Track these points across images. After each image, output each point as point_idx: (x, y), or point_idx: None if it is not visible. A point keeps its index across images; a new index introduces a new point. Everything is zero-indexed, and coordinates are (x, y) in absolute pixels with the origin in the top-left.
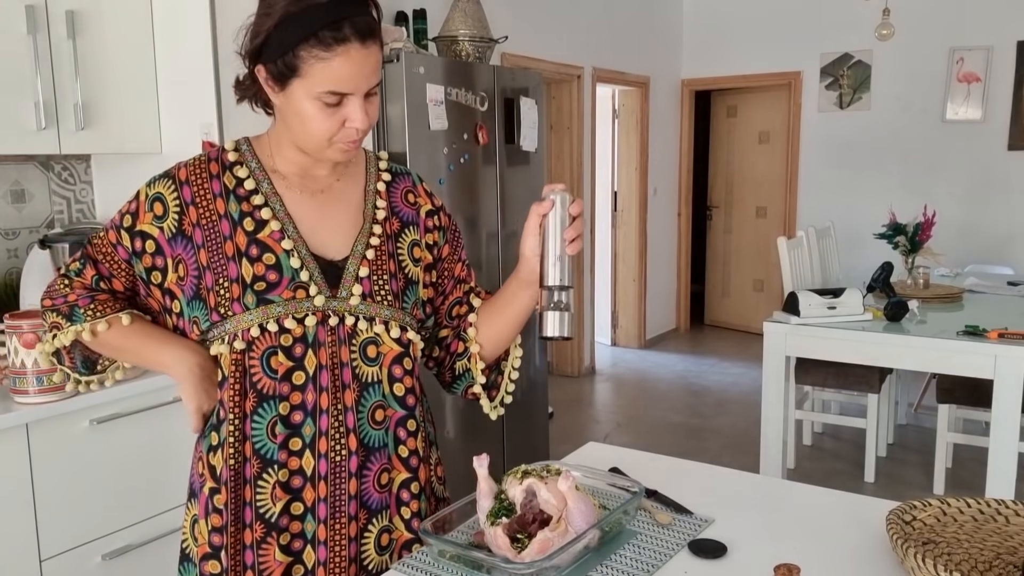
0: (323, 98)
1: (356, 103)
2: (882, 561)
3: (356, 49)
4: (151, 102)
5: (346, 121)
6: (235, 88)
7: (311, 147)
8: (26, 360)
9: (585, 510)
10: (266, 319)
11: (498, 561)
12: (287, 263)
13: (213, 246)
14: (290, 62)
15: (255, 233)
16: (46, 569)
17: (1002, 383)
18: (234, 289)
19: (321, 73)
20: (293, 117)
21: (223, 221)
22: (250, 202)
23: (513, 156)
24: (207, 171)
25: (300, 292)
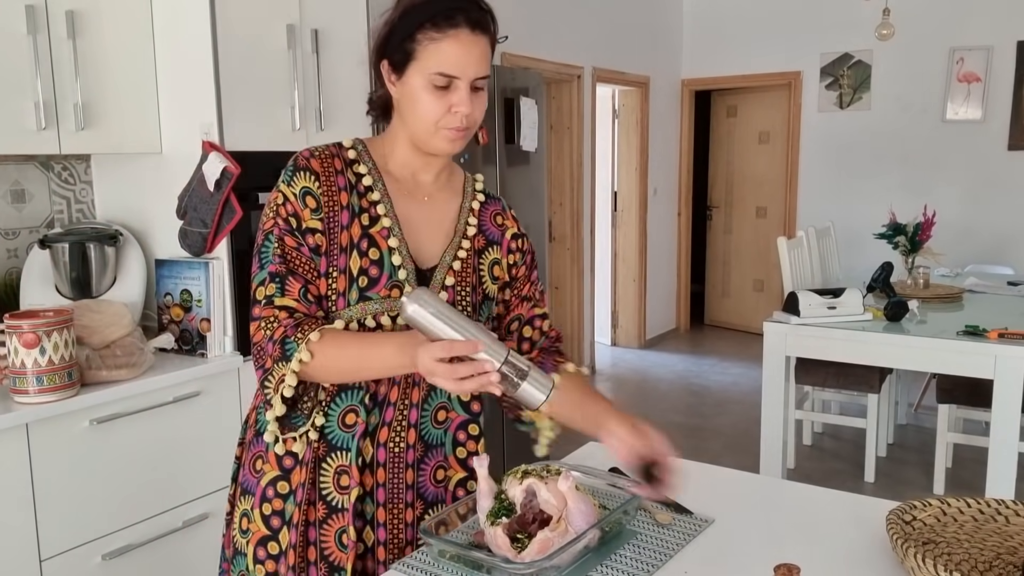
0: (434, 80)
1: (463, 89)
2: (882, 561)
3: (466, 34)
4: (151, 102)
5: (452, 106)
6: (369, 105)
7: (420, 133)
8: (26, 360)
9: (585, 510)
10: (364, 315)
11: (498, 561)
12: (388, 260)
13: (332, 235)
14: (407, 47)
15: (369, 227)
16: (46, 569)
17: (1002, 383)
18: (340, 281)
19: (433, 55)
20: (407, 104)
21: (344, 212)
22: (367, 198)
23: (513, 156)
24: (333, 166)
25: (395, 291)
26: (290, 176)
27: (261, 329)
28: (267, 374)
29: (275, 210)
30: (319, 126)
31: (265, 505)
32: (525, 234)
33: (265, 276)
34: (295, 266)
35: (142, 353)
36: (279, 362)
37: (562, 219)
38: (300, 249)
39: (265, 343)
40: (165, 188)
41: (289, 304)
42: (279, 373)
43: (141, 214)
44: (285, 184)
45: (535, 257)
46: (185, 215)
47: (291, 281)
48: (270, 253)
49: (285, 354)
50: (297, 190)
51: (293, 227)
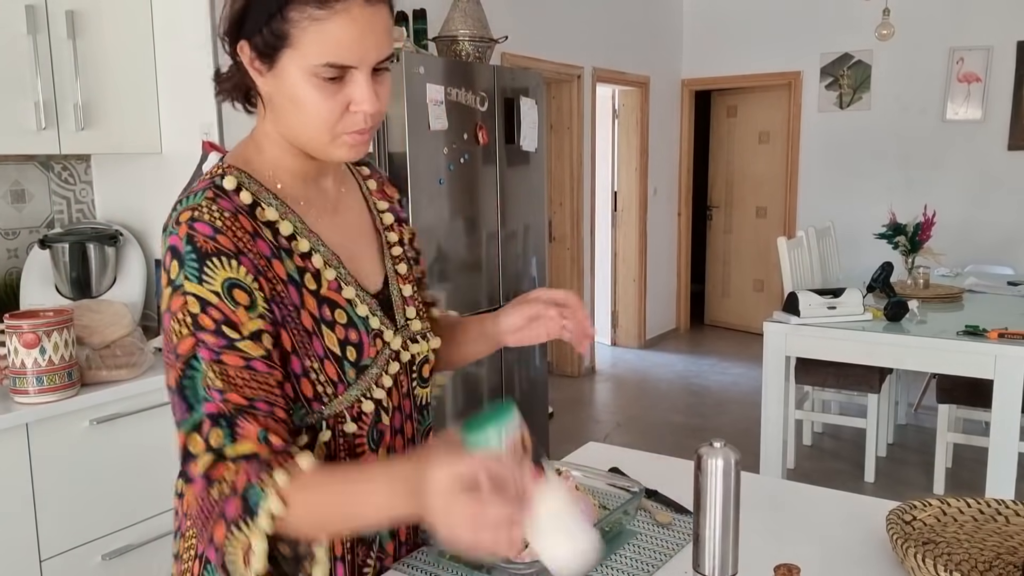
0: (320, 72)
1: (362, 79)
2: (882, 561)
3: (359, 7)
4: (151, 102)
5: (351, 104)
6: (216, 83)
7: (311, 140)
8: (26, 360)
9: (585, 510)
10: (368, 388)
11: (498, 561)
12: (355, 315)
13: (292, 323)
14: (277, 28)
15: (319, 290)
16: (46, 569)
17: (1002, 383)
18: (328, 368)
19: (317, 39)
20: (286, 104)
21: (289, 287)
22: (296, 251)
23: (513, 156)
24: (243, 228)
25: (379, 341)
26: (196, 271)
27: (207, 496)
28: (223, 551)
29: (190, 323)
30: None
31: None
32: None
33: (201, 419)
34: (248, 393)
35: (142, 353)
36: (242, 522)
37: (562, 219)
38: (250, 365)
39: (218, 507)
40: (165, 188)
41: (247, 452)
42: (245, 539)
43: (141, 214)
44: (192, 282)
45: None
46: None
47: (245, 419)
48: (197, 385)
49: (249, 508)
50: (218, 287)
51: (230, 338)
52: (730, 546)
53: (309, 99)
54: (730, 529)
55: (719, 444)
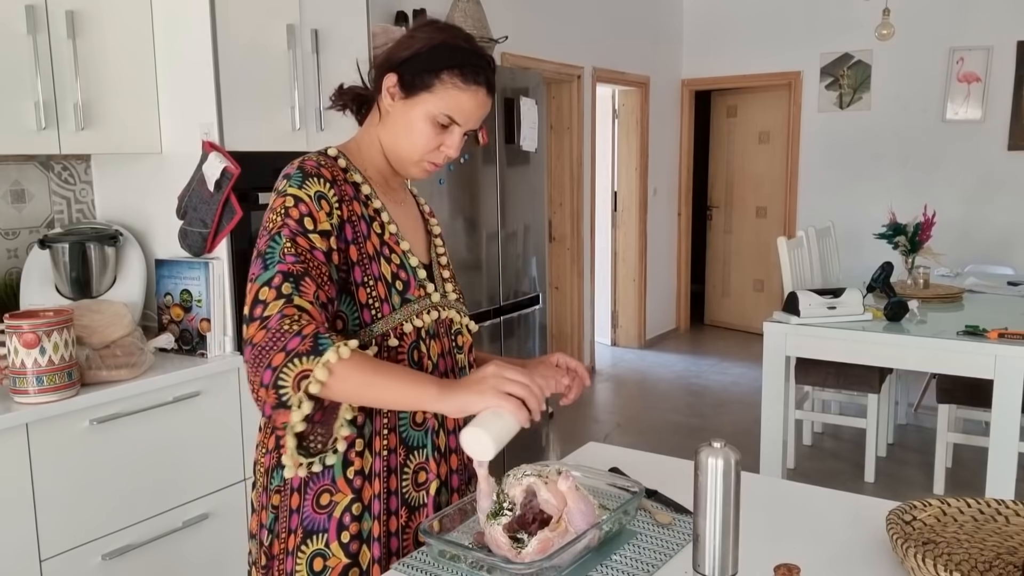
0: (439, 118)
1: (458, 134)
2: (882, 561)
3: (483, 95)
4: (151, 102)
5: (442, 145)
6: (336, 94)
7: (404, 156)
8: (26, 360)
9: (585, 510)
10: (409, 316)
11: (498, 561)
12: (408, 263)
13: (359, 244)
14: (428, 79)
15: (382, 235)
16: (46, 569)
17: (1002, 383)
18: (380, 288)
19: (451, 98)
20: (402, 124)
21: (361, 221)
22: (370, 206)
23: (513, 156)
24: (338, 175)
25: (422, 290)
26: (300, 181)
27: (278, 326)
28: (278, 371)
29: (284, 212)
30: (319, 126)
31: (343, 533)
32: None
33: (274, 274)
34: (309, 267)
35: (142, 353)
36: (305, 356)
37: (562, 219)
38: (313, 252)
39: (286, 337)
40: (165, 188)
41: (304, 306)
42: (301, 367)
43: (141, 214)
44: (295, 187)
45: None
46: (185, 215)
47: (307, 282)
48: (277, 252)
49: (317, 347)
50: (311, 192)
51: (307, 228)
52: (730, 546)
53: (421, 130)
54: (730, 529)
55: (719, 444)
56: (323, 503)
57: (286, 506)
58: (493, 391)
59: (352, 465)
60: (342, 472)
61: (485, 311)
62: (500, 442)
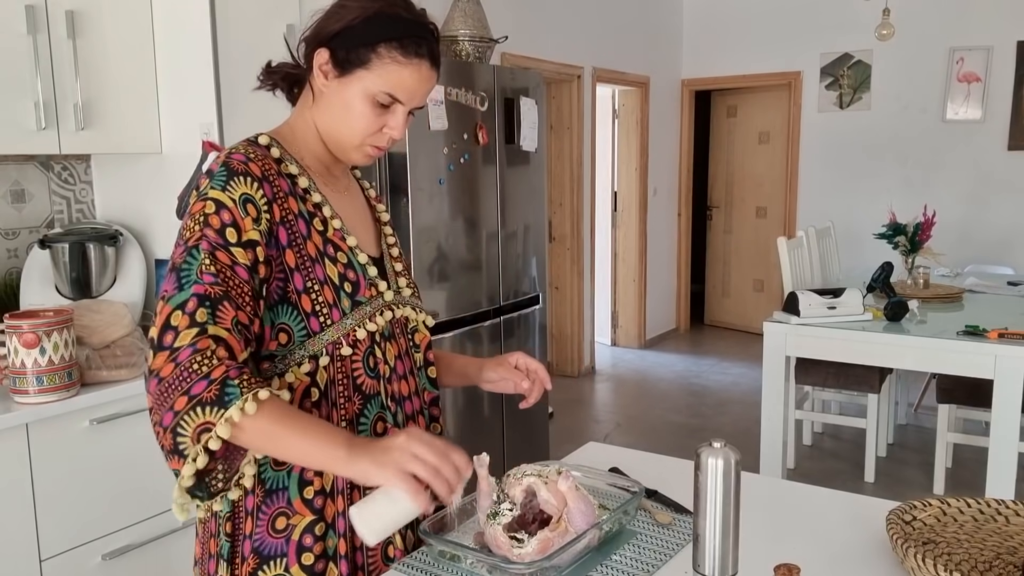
0: (379, 97)
1: (402, 114)
2: (882, 561)
3: (427, 68)
4: (151, 102)
5: (385, 127)
6: (264, 72)
7: (343, 140)
8: (26, 360)
9: (585, 510)
10: (362, 320)
11: (498, 561)
12: (356, 260)
13: (297, 247)
14: (363, 54)
15: (325, 232)
16: (46, 569)
17: (1002, 383)
18: (326, 292)
19: (390, 74)
20: (338, 106)
21: (299, 220)
22: (308, 200)
23: (513, 156)
24: (271, 169)
25: (373, 289)
26: (224, 181)
27: (188, 363)
28: (179, 417)
29: (203, 221)
30: None
31: (305, 555)
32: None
33: (189, 296)
34: (229, 287)
35: (142, 353)
36: (209, 406)
37: (562, 219)
38: (234, 268)
39: (192, 378)
40: (165, 188)
41: (220, 335)
42: (203, 419)
43: (141, 214)
44: (218, 189)
45: None
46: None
47: (224, 307)
48: (194, 271)
49: (223, 398)
50: (236, 196)
51: (228, 240)
52: (730, 546)
53: (359, 111)
54: (730, 529)
55: (719, 444)
56: (279, 527)
57: (240, 531)
58: (394, 467)
59: (310, 484)
60: (298, 493)
61: (485, 311)
62: (380, 532)
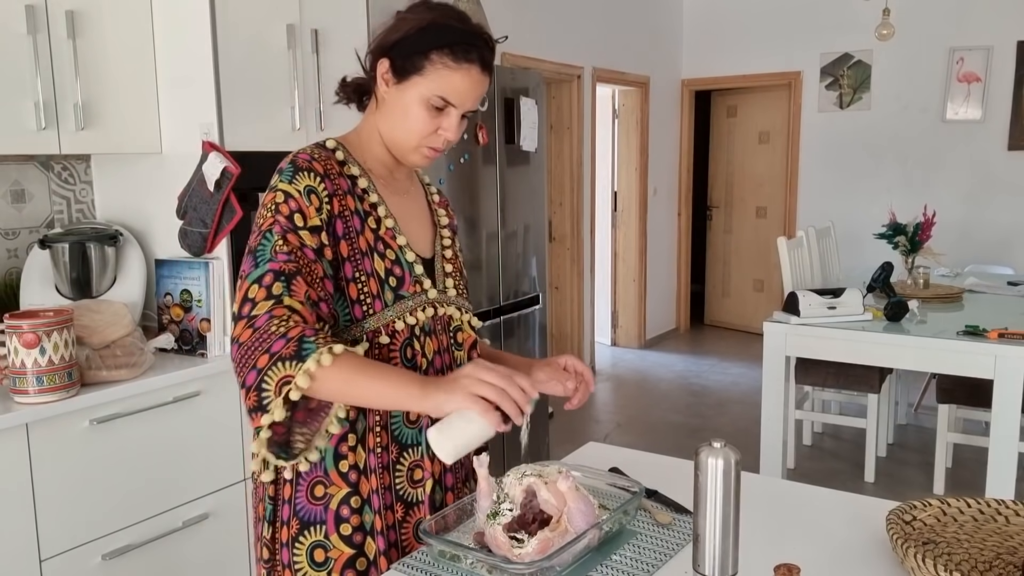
0: (433, 101)
1: (455, 117)
2: (882, 561)
3: (477, 72)
4: (151, 102)
5: (440, 129)
6: (340, 86)
7: (402, 143)
8: (26, 360)
9: (585, 510)
10: (402, 313)
11: (498, 561)
12: (404, 259)
13: (351, 239)
14: (418, 61)
15: (377, 230)
16: (46, 569)
17: (1002, 383)
18: (372, 284)
19: (442, 79)
20: (397, 111)
21: (355, 217)
22: (366, 200)
23: (513, 156)
24: (333, 168)
25: (418, 286)
26: (291, 175)
27: (265, 326)
28: (262, 374)
29: (274, 208)
30: (319, 126)
31: (343, 526)
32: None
33: (265, 272)
34: (300, 265)
35: (142, 353)
36: (288, 360)
37: (562, 219)
38: (303, 249)
39: (272, 339)
40: (165, 188)
41: (295, 306)
42: (284, 373)
43: (141, 214)
44: (286, 182)
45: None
46: (185, 215)
47: (298, 281)
48: (269, 250)
49: (300, 353)
50: (301, 187)
51: (296, 225)
52: (730, 546)
53: (416, 114)
54: (730, 529)
55: (719, 444)
56: (318, 495)
57: (280, 496)
58: (463, 392)
59: (345, 459)
60: (334, 465)
61: (485, 311)
62: (458, 448)
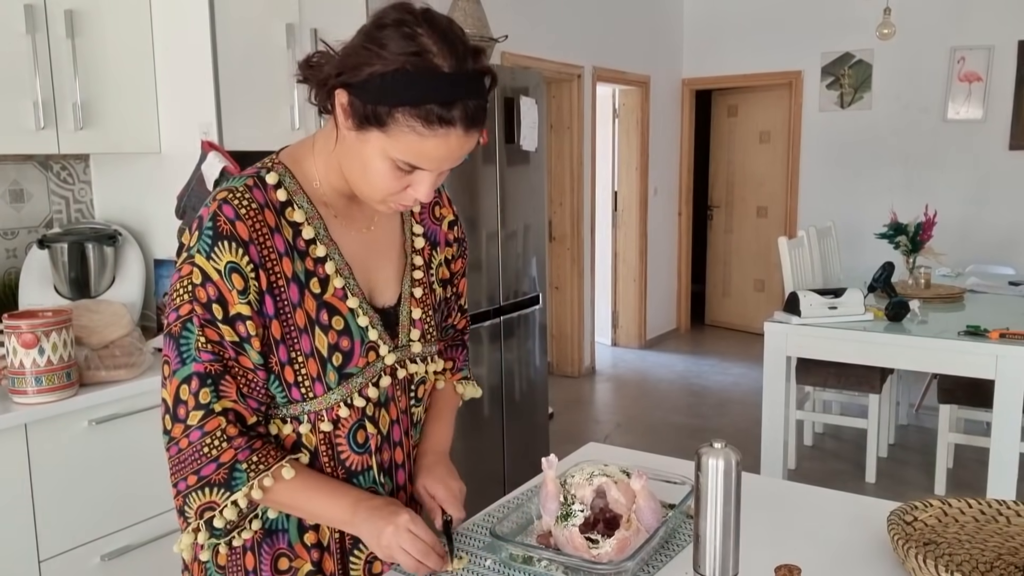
0: (398, 163)
1: (427, 179)
2: (883, 562)
3: (457, 136)
4: (150, 102)
5: (409, 188)
6: (304, 68)
7: (363, 194)
8: (25, 360)
9: (654, 508)
10: (350, 395)
11: (578, 562)
12: (355, 324)
13: (284, 316)
14: (380, 115)
15: (322, 295)
16: (45, 570)
17: (1003, 383)
18: (311, 365)
19: (409, 145)
20: (356, 159)
21: (291, 285)
22: (311, 255)
23: (513, 156)
24: (265, 224)
25: (372, 354)
26: (208, 247)
27: (199, 444)
28: (187, 494)
29: (191, 291)
30: (319, 125)
31: None
32: (458, 218)
33: (191, 375)
34: (225, 363)
35: (141, 353)
36: (217, 488)
37: (562, 219)
38: (224, 345)
39: (202, 461)
40: (164, 188)
41: (227, 407)
42: (209, 499)
43: (140, 214)
44: (203, 256)
45: (467, 243)
46: (184, 215)
47: (227, 381)
48: (192, 345)
49: (230, 482)
50: (221, 267)
51: (216, 317)
52: (730, 546)
53: (378, 171)
54: (730, 529)
55: (720, 444)
56: (282, 568)
57: (237, 567)
58: (383, 552)
59: (309, 532)
60: (299, 538)
61: (485, 311)
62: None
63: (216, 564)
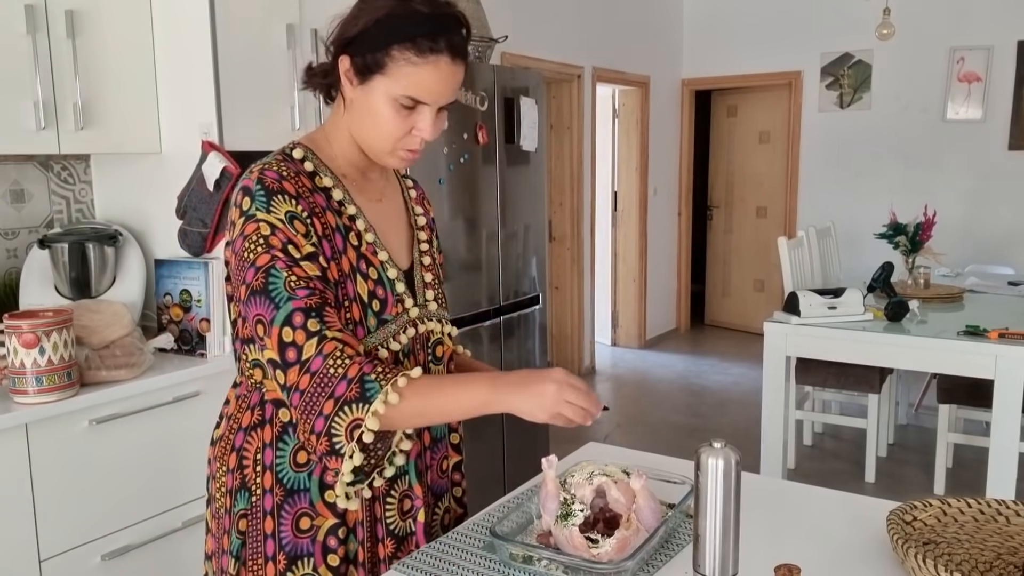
0: (401, 100)
1: (429, 114)
2: (882, 561)
3: (446, 63)
4: (151, 102)
5: (414, 128)
6: (305, 74)
7: (375, 147)
8: (25, 360)
9: (654, 507)
10: (386, 339)
11: (578, 562)
12: (386, 276)
13: (336, 261)
14: (379, 59)
15: (359, 247)
16: (45, 569)
17: (1003, 383)
18: (355, 310)
19: (407, 77)
20: (365, 113)
21: (336, 234)
22: (344, 213)
23: (513, 156)
24: (304, 185)
25: (400, 306)
26: (266, 202)
27: (323, 369)
28: (330, 420)
29: (263, 243)
30: (319, 125)
31: (330, 556)
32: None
33: (290, 312)
34: (322, 297)
35: (141, 353)
36: (355, 403)
37: (562, 219)
38: (311, 279)
39: (333, 382)
40: (165, 188)
41: (339, 337)
42: (353, 417)
43: (141, 214)
44: (263, 211)
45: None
46: (185, 215)
47: (328, 312)
48: (283, 287)
49: (365, 394)
50: (282, 215)
51: (295, 257)
52: (730, 546)
53: (385, 116)
54: (730, 529)
55: (719, 444)
56: (304, 527)
57: (258, 531)
58: (548, 414)
59: (331, 488)
60: (320, 496)
61: (485, 311)
62: None
63: (237, 529)
